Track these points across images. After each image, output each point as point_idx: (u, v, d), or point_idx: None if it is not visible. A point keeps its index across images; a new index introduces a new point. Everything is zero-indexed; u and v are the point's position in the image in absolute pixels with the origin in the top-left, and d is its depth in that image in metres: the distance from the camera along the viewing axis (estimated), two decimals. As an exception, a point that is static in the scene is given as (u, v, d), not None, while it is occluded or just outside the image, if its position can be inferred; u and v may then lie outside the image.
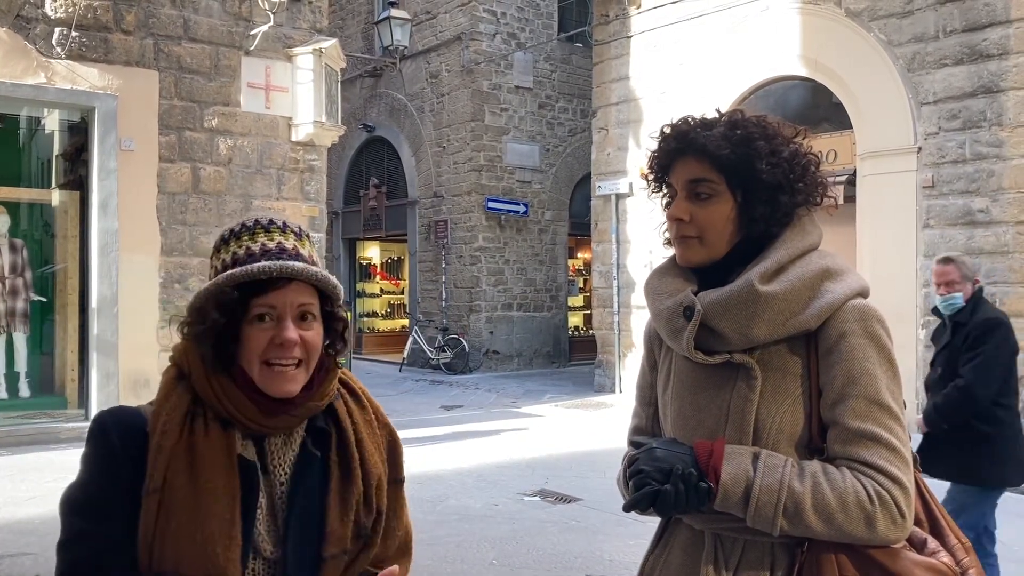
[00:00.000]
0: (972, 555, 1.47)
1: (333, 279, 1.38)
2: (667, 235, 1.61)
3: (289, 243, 1.36)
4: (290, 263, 1.32)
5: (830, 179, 1.57)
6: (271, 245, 1.34)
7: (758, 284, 1.43)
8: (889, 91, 9.58)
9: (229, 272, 1.31)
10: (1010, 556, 5.16)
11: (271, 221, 1.39)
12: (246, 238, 1.36)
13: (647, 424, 1.71)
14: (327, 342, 1.42)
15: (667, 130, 1.55)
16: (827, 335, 1.43)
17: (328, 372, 1.42)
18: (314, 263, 1.37)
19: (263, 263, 1.31)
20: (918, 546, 1.43)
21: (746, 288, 1.43)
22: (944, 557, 1.42)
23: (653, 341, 1.71)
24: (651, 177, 1.61)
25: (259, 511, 1.35)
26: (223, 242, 1.38)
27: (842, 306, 1.43)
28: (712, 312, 1.46)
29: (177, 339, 1.40)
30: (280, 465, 1.38)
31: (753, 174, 1.47)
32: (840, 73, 10.08)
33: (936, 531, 1.48)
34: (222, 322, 1.31)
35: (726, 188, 1.49)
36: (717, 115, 1.56)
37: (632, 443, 1.58)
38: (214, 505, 1.27)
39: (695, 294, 1.51)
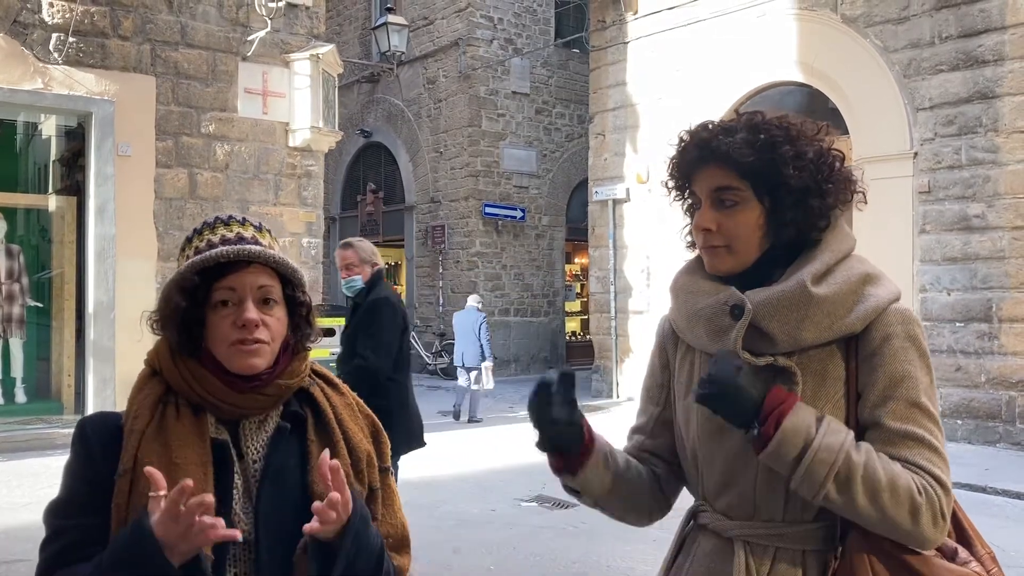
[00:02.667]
0: (998, 565, 1.46)
1: (292, 263, 1.43)
2: (689, 239, 1.58)
3: (248, 233, 1.41)
4: (247, 247, 1.37)
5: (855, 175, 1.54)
6: (230, 235, 1.40)
7: (811, 285, 1.40)
8: (885, 97, 9.61)
9: (190, 260, 1.37)
10: (1008, 562, 5.17)
11: (231, 216, 1.44)
12: (207, 232, 1.41)
13: (649, 425, 1.67)
14: (295, 328, 1.45)
15: (686, 137, 1.51)
16: (870, 338, 1.42)
17: (296, 353, 1.45)
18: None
19: (220, 249, 1.36)
20: (949, 555, 1.42)
21: (799, 289, 1.41)
22: (975, 567, 1.41)
23: (667, 340, 1.65)
24: (672, 184, 1.57)
25: (235, 492, 1.36)
26: (187, 241, 1.44)
27: (886, 309, 1.43)
28: (762, 312, 1.42)
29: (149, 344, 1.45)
30: (253, 446, 1.41)
31: (780, 180, 1.44)
32: (836, 79, 10.11)
33: (963, 540, 1.47)
34: (184, 306, 1.35)
35: (752, 195, 1.46)
36: (736, 116, 1.51)
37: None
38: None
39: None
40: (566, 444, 1.53)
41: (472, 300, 11.51)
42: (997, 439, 8.73)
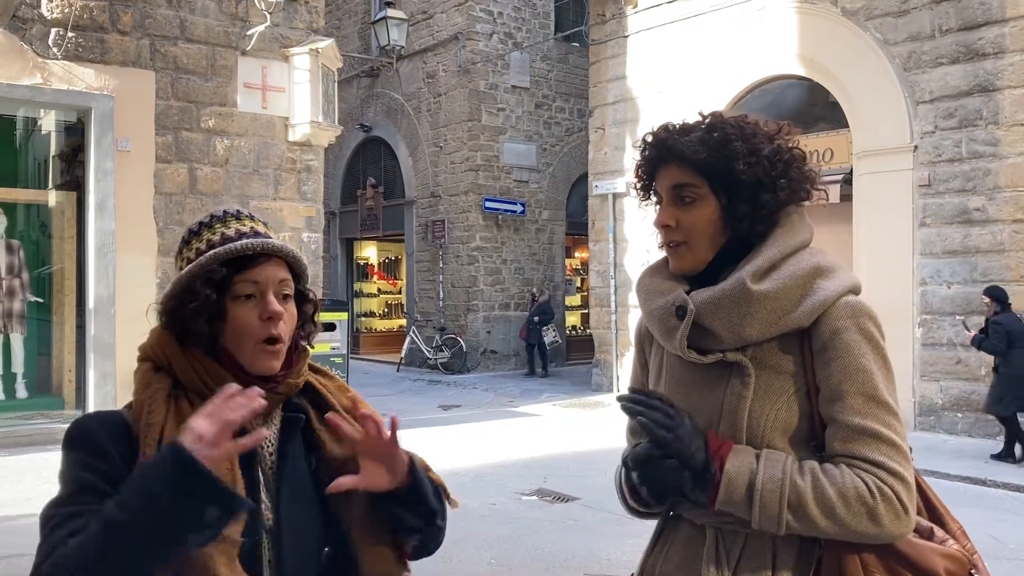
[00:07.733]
0: (969, 539, 1.49)
1: (304, 259, 1.45)
2: (660, 239, 1.62)
3: (260, 227, 1.42)
4: (270, 240, 1.38)
5: (826, 177, 1.56)
6: (245, 229, 1.39)
7: (750, 283, 1.43)
8: (885, 90, 9.60)
9: (213, 251, 1.34)
10: (1007, 555, 5.17)
11: (238, 211, 1.44)
12: (218, 226, 1.39)
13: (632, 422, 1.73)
14: (302, 324, 1.45)
15: (648, 139, 1.57)
16: (820, 332, 1.43)
17: (302, 352, 1.46)
18: None
19: (246, 240, 1.36)
20: (926, 535, 1.44)
21: (738, 287, 1.43)
22: (954, 544, 1.44)
23: (644, 339, 1.71)
24: (639, 185, 1.62)
25: (261, 480, 1.37)
26: (192, 234, 1.41)
27: (835, 303, 1.43)
28: (704, 311, 1.46)
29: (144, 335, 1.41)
30: (265, 441, 1.41)
31: (732, 175, 1.47)
32: (836, 72, 10.09)
33: (935, 519, 1.49)
34: (214, 297, 1.33)
35: (709, 191, 1.50)
36: (700, 118, 1.56)
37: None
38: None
39: (687, 293, 1.51)
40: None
41: None
42: (997, 432, 8.72)
